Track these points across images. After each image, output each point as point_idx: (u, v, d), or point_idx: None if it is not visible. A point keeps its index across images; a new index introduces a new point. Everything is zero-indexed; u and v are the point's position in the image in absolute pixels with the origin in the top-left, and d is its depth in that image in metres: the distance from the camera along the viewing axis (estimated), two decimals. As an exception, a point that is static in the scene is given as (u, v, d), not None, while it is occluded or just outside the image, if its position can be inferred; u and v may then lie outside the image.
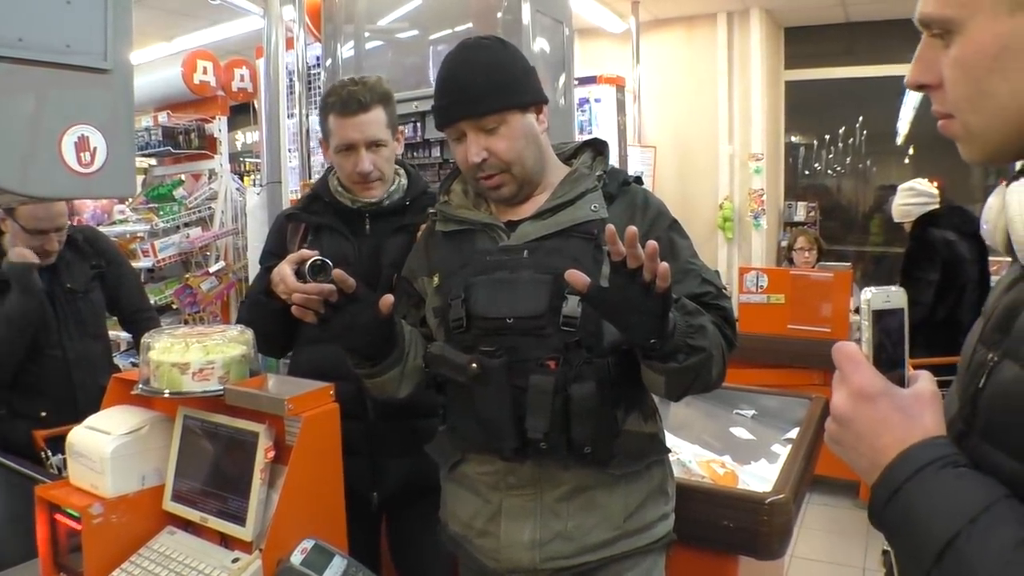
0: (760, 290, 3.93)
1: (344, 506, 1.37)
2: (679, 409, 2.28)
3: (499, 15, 2.66)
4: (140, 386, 1.35)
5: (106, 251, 2.56)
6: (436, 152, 2.92)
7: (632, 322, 1.11)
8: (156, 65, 5.06)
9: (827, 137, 6.49)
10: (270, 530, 1.22)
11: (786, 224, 6.26)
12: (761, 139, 5.90)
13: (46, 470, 1.83)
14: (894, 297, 0.71)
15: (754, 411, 2.38)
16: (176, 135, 4.51)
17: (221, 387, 1.32)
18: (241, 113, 5.84)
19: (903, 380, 0.70)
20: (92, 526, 1.26)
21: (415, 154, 2.93)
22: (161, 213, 4.46)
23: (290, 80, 3.88)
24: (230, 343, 1.37)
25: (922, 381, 0.70)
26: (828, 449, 0.76)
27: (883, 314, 0.70)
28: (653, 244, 1.02)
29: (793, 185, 6.56)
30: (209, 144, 4.58)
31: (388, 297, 1.26)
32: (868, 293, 0.70)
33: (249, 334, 1.42)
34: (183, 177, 4.66)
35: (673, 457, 1.73)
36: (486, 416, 1.30)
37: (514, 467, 1.33)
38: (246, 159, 6.81)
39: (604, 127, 5.50)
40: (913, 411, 0.68)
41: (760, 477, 1.90)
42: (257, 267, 1.92)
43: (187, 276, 4.44)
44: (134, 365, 3.41)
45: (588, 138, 1.51)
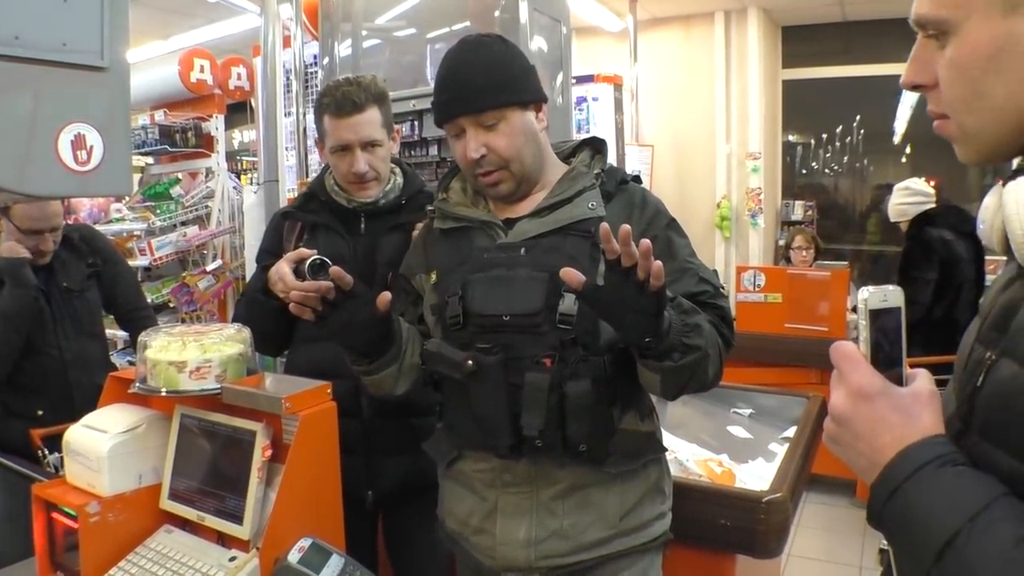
0: (757, 289, 3.93)
1: (341, 504, 1.36)
2: (676, 408, 2.28)
3: (497, 13, 2.66)
4: (137, 385, 1.35)
5: (102, 250, 2.55)
6: (434, 150, 2.91)
7: (627, 320, 1.11)
8: (153, 63, 5.05)
9: (824, 136, 6.49)
10: (267, 529, 1.22)
11: (783, 223, 6.26)
12: (759, 138, 5.90)
13: (43, 469, 1.82)
14: (891, 296, 0.70)
15: (751, 410, 2.38)
16: (173, 133, 4.49)
17: (218, 385, 1.32)
18: (238, 111, 5.83)
19: (901, 379, 0.70)
20: (89, 525, 1.26)
21: (413, 153, 2.92)
22: (158, 211, 4.45)
23: (287, 79, 3.88)
24: (227, 341, 1.37)
25: (920, 380, 0.70)
26: (825, 448, 0.76)
27: (880, 313, 0.70)
28: (646, 243, 1.02)
29: (790, 184, 6.56)
30: (206, 142, 4.56)
31: (386, 294, 1.26)
32: (865, 292, 0.70)
33: (246, 332, 1.42)
34: (180, 175, 4.64)
35: (670, 456, 1.73)
36: (482, 413, 1.30)
37: (510, 465, 1.33)
38: (243, 157, 6.78)
39: (601, 126, 5.48)
40: (912, 410, 0.68)
41: (757, 476, 1.90)
42: (254, 265, 1.91)
43: (184, 274, 4.42)
44: (131, 364, 3.40)
45: (587, 136, 1.50)
